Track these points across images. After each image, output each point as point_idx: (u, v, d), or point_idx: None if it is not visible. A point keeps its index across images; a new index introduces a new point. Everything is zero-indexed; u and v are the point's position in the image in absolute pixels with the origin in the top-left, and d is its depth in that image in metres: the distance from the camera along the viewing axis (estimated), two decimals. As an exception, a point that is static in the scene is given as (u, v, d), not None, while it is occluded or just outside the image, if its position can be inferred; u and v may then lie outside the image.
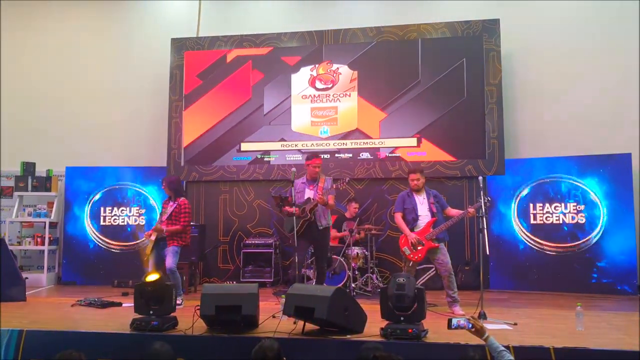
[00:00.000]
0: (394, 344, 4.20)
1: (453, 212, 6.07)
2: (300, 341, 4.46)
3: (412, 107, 8.30)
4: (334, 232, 7.96)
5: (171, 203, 6.53)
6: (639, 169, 7.59)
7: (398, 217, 6.15)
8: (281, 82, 8.71)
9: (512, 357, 3.48)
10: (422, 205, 6.07)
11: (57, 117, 9.43)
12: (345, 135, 8.45)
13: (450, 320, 3.70)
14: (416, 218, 6.03)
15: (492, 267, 7.81)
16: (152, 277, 4.92)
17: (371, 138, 8.35)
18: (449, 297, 5.89)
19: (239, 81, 8.81)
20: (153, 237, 6.39)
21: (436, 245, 5.91)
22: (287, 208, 6.20)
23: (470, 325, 3.59)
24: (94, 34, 9.60)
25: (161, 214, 6.61)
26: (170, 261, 6.25)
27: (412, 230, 6.01)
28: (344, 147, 8.44)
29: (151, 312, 4.79)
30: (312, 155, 6.52)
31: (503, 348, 3.51)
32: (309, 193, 6.31)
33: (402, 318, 4.40)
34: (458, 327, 3.63)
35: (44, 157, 8.96)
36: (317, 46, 8.68)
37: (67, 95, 9.49)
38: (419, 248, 5.91)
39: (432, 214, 6.00)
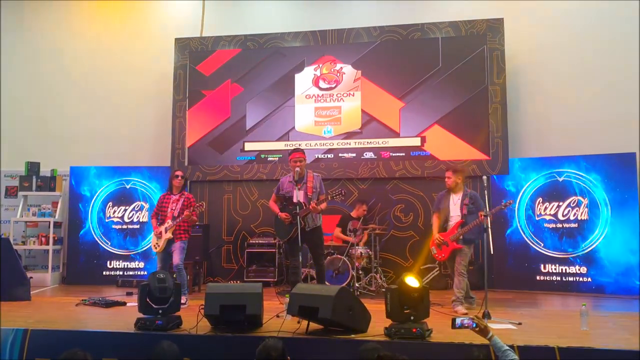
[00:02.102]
0: (398, 343, 4.21)
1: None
2: (304, 341, 4.45)
3: (414, 107, 8.29)
4: (337, 232, 7.97)
5: (174, 197, 6.53)
6: (643, 168, 7.58)
7: (434, 217, 6.26)
8: (285, 81, 8.71)
9: (516, 357, 3.48)
10: (455, 205, 6.08)
11: (61, 116, 9.46)
12: (349, 135, 8.44)
13: (454, 320, 3.70)
14: (447, 219, 6.10)
15: (496, 266, 7.79)
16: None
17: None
18: (453, 296, 5.93)
19: (242, 81, 8.81)
20: (169, 235, 6.37)
21: (460, 246, 5.96)
22: (282, 214, 6.11)
23: (474, 325, 3.59)
24: (97, 33, 9.62)
25: (160, 209, 6.56)
26: (178, 258, 6.26)
27: (445, 231, 6.09)
28: (348, 146, 8.43)
29: (160, 311, 4.80)
30: (293, 150, 6.35)
31: (507, 347, 3.50)
32: (298, 194, 6.02)
33: (412, 317, 4.40)
34: (462, 326, 3.63)
35: (48, 157, 8.96)
36: (320, 46, 8.68)
37: (71, 95, 9.52)
38: (443, 248, 6.03)
39: (462, 216, 6.00)
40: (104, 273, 8.60)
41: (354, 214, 8.01)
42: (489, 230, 5.49)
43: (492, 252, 5.55)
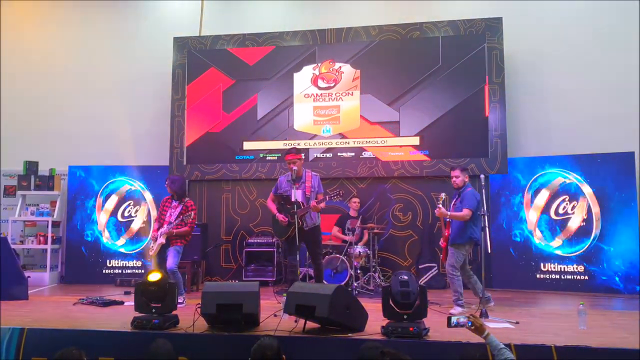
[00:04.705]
0: (395, 342, 4.20)
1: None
2: (301, 339, 4.45)
3: (414, 106, 8.27)
4: (335, 231, 7.95)
5: (175, 203, 6.50)
6: (642, 167, 7.57)
7: None
8: (284, 80, 8.70)
9: (512, 355, 3.46)
10: (453, 205, 6.09)
11: (60, 116, 9.44)
12: (348, 134, 8.43)
13: (449, 319, 3.69)
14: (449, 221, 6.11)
15: (494, 266, 7.77)
16: (154, 276, 4.94)
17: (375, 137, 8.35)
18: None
19: (241, 80, 8.80)
20: (163, 240, 6.35)
21: (444, 245, 6.05)
22: (279, 216, 6.09)
23: (470, 323, 3.58)
24: (96, 33, 9.62)
25: (161, 213, 6.58)
26: (171, 262, 6.22)
27: None
28: (347, 145, 8.42)
29: (153, 310, 4.80)
30: (287, 152, 6.30)
31: (503, 346, 3.49)
32: (296, 194, 6.01)
33: (405, 317, 4.41)
34: (458, 325, 3.62)
35: (46, 156, 8.96)
36: (319, 45, 8.67)
37: (69, 94, 9.51)
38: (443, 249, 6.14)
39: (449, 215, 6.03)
40: (103, 272, 8.60)
41: (352, 212, 7.99)
42: (487, 229, 5.48)
43: (489, 251, 5.54)
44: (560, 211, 7.65)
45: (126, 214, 8.75)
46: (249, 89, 8.77)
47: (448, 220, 5.99)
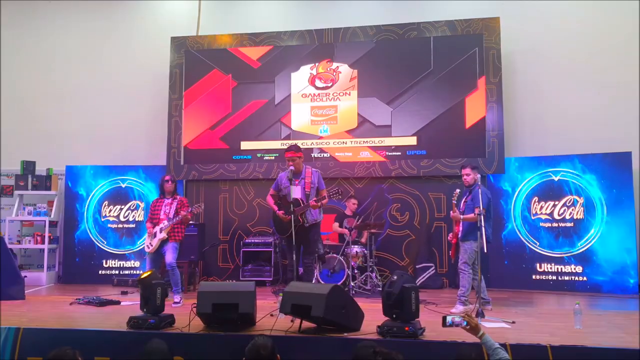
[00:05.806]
0: (391, 342, 4.20)
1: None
2: (297, 339, 4.45)
3: (412, 106, 8.27)
4: (335, 226, 7.95)
5: (167, 201, 6.53)
6: (639, 167, 7.56)
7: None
8: (281, 80, 8.70)
9: (507, 355, 3.46)
10: (464, 203, 6.10)
11: (58, 115, 9.44)
12: (345, 134, 8.43)
13: (444, 318, 3.69)
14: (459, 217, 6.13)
15: (491, 265, 7.76)
16: (144, 274, 4.95)
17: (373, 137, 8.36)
18: None
19: (238, 80, 8.79)
20: (164, 235, 6.35)
21: (454, 241, 6.09)
22: (279, 212, 6.11)
23: (465, 323, 3.58)
24: (94, 32, 9.60)
25: (153, 213, 6.56)
26: (170, 257, 6.24)
27: None
28: (344, 145, 8.42)
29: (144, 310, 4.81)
30: (287, 149, 6.31)
31: (498, 345, 3.49)
32: (295, 190, 6.03)
33: (394, 315, 4.43)
34: (453, 324, 3.62)
35: (44, 156, 8.96)
36: (317, 45, 8.67)
37: (67, 94, 9.50)
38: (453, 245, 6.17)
39: (460, 212, 6.05)
40: (100, 272, 8.59)
41: (348, 211, 7.99)
42: (483, 229, 5.47)
43: (485, 251, 5.54)
44: (557, 211, 7.65)
45: (123, 214, 8.74)
46: (247, 88, 8.75)
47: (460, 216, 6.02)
